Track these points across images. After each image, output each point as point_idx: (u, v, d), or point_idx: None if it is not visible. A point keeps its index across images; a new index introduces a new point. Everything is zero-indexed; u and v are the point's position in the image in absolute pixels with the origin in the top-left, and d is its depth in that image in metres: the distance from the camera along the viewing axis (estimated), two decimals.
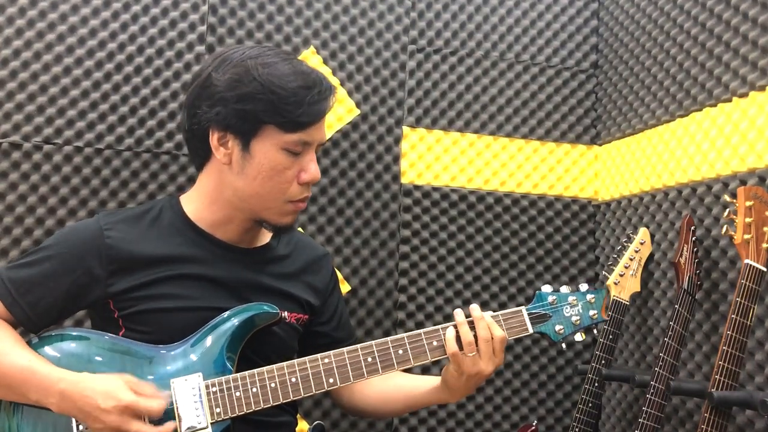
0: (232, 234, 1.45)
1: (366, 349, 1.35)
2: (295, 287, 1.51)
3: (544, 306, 1.44)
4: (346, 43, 2.21)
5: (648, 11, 2.16)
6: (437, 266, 2.24)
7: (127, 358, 1.31)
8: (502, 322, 1.40)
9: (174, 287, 1.38)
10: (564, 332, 1.43)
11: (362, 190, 2.20)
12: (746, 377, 1.64)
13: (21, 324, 1.36)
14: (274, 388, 1.31)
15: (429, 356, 1.37)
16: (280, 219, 1.41)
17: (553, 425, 2.28)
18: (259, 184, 1.37)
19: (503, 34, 2.35)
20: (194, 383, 1.29)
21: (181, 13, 2.09)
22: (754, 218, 1.54)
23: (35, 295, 1.35)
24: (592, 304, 1.46)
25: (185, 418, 1.26)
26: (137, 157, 2.04)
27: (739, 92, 1.74)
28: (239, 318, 1.35)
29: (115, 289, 1.36)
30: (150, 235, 1.41)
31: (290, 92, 1.33)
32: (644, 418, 1.66)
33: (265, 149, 1.35)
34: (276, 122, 1.34)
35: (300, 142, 1.36)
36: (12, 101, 1.97)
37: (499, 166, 2.31)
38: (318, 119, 1.37)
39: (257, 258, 1.49)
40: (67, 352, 1.31)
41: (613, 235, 2.27)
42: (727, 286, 1.73)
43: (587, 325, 1.45)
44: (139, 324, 1.37)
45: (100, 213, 1.47)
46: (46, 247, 1.39)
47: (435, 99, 2.28)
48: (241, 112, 1.33)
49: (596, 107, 2.40)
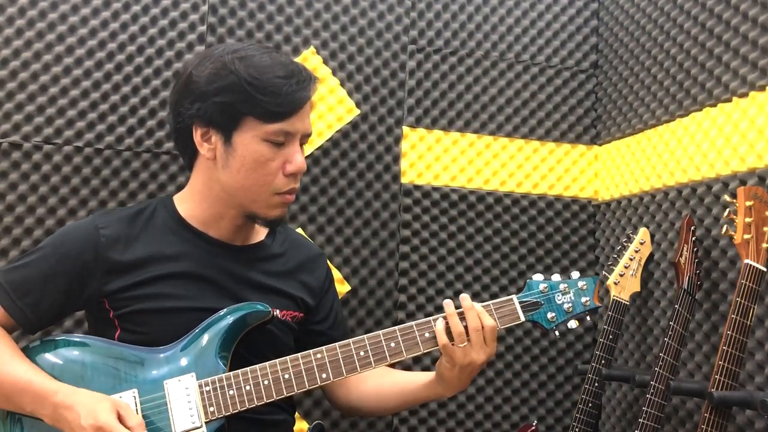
0: (224, 231, 1.45)
1: (358, 343, 1.35)
2: (289, 285, 1.51)
3: (535, 294, 1.42)
4: (346, 43, 2.21)
5: (648, 11, 2.16)
6: (437, 266, 2.24)
7: (120, 363, 1.31)
8: (494, 311, 1.39)
9: (168, 287, 1.38)
10: (556, 319, 1.42)
11: (362, 190, 2.20)
12: (746, 377, 1.64)
13: (21, 325, 1.37)
14: (267, 386, 1.31)
15: (421, 348, 1.36)
16: (269, 212, 1.41)
17: (553, 425, 2.28)
18: (243, 177, 1.37)
19: (503, 34, 2.35)
20: (187, 383, 1.29)
21: (181, 13, 2.09)
22: (754, 218, 1.54)
23: (34, 297, 1.35)
24: (584, 290, 1.44)
25: (179, 418, 1.26)
26: (137, 157, 2.04)
27: (739, 92, 1.74)
28: (231, 317, 1.35)
29: (110, 288, 1.37)
30: (144, 234, 1.42)
31: (267, 82, 1.34)
32: (644, 418, 1.66)
33: (246, 141, 1.36)
34: (255, 113, 1.35)
35: (281, 132, 1.36)
36: (12, 101, 1.97)
37: (499, 166, 2.31)
38: (296, 109, 1.37)
39: (251, 255, 1.49)
40: (61, 358, 1.31)
41: (613, 235, 2.27)
42: (727, 286, 1.73)
43: (580, 311, 1.43)
44: (134, 324, 1.37)
45: (95, 213, 1.48)
46: (42, 248, 1.39)
47: (435, 99, 2.28)
48: (220, 106, 1.35)
49: (596, 107, 2.40)
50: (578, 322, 1.45)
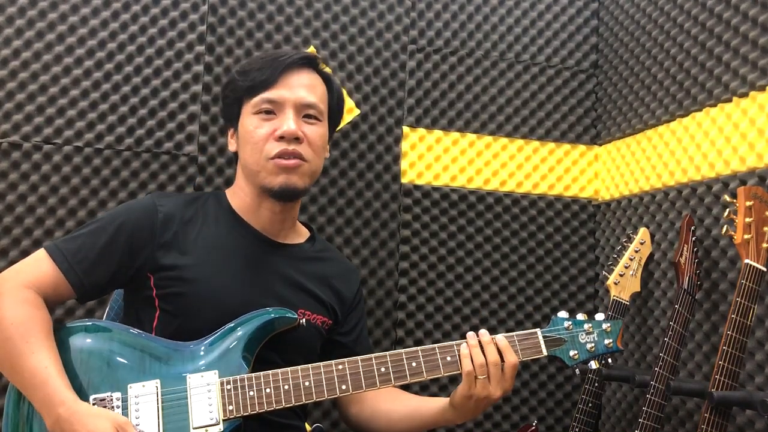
0: (266, 222, 1.52)
1: (380, 359, 1.37)
2: (322, 290, 1.55)
3: (560, 330, 1.43)
4: (346, 43, 2.21)
5: (648, 11, 2.16)
6: (437, 266, 2.24)
7: (146, 353, 1.33)
8: (517, 343, 1.39)
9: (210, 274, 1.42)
10: (578, 358, 1.42)
11: (362, 190, 2.20)
12: (746, 377, 1.64)
13: (75, 291, 1.39)
14: (287, 390, 1.32)
15: (442, 371, 1.37)
16: (272, 181, 1.46)
17: (553, 425, 2.28)
18: (244, 152, 1.49)
19: (503, 34, 2.35)
20: (209, 380, 1.31)
21: (181, 13, 2.09)
22: (754, 218, 1.54)
23: (90, 263, 1.39)
24: (608, 333, 1.44)
25: (198, 413, 1.28)
26: (137, 157, 2.04)
27: (739, 92, 1.74)
28: (259, 320, 1.38)
29: (159, 262, 1.41)
30: (197, 220, 1.49)
31: (248, 66, 1.50)
32: (644, 418, 1.66)
33: (244, 121, 1.50)
34: (245, 94, 1.48)
35: (265, 101, 1.46)
36: (12, 101, 1.97)
37: (499, 166, 2.31)
38: (275, 76, 1.46)
39: (291, 253, 1.54)
40: (89, 343, 1.33)
41: (613, 235, 2.27)
42: (727, 286, 1.73)
43: (602, 353, 1.44)
44: (173, 305, 1.40)
45: (154, 193, 1.58)
46: (99, 219, 1.45)
47: (435, 99, 2.28)
48: (224, 103, 1.56)
49: (596, 107, 2.40)
50: (598, 363, 1.47)
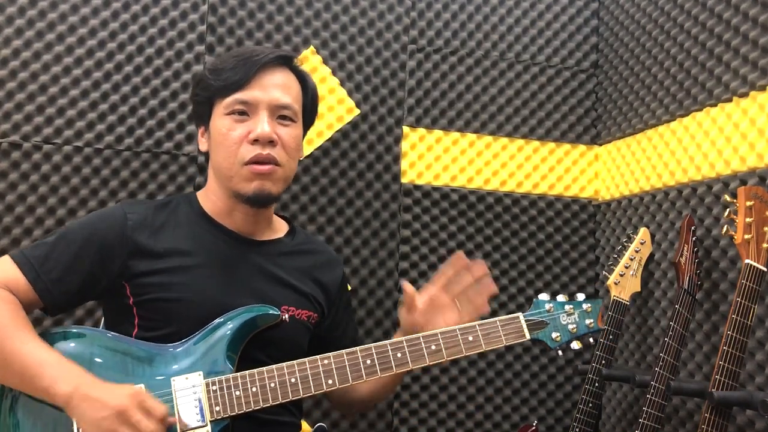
0: (240, 223, 1.48)
1: (365, 352, 1.36)
2: (306, 284, 1.53)
3: (541, 313, 1.46)
4: (346, 42, 2.21)
5: (648, 11, 2.16)
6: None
7: (129, 357, 1.32)
8: (500, 328, 1.41)
9: (187, 278, 1.40)
10: (561, 340, 1.46)
11: (362, 190, 2.20)
12: (746, 377, 1.64)
13: (43, 301, 1.36)
14: (273, 388, 1.31)
15: (427, 360, 1.37)
16: (245, 187, 1.42)
17: (553, 425, 2.28)
18: (217, 154, 1.44)
19: (503, 33, 2.35)
20: (194, 381, 1.30)
21: (181, 13, 2.09)
22: (755, 218, 1.54)
23: (58, 273, 1.36)
24: (589, 313, 1.49)
25: (185, 415, 1.27)
26: (137, 157, 2.04)
27: (740, 92, 1.74)
28: (241, 319, 1.36)
29: (133, 270, 1.38)
30: (168, 225, 1.45)
31: (220, 64, 1.44)
32: (644, 418, 1.66)
33: (215, 122, 1.45)
34: (217, 95, 1.44)
35: (237, 102, 1.42)
36: (12, 101, 1.97)
37: (499, 166, 2.31)
38: (248, 76, 1.41)
39: (269, 250, 1.51)
40: (70, 349, 1.31)
41: (613, 235, 2.27)
42: (727, 286, 1.73)
43: (583, 333, 1.48)
44: (152, 312, 1.38)
45: (122, 202, 1.55)
46: (68, 228, 1.42)
47: (435, 99, 2.28)
48: (194, 101, 1.51)
49: (596, 107, 2.40)
50: (580, 343, 1.49)
